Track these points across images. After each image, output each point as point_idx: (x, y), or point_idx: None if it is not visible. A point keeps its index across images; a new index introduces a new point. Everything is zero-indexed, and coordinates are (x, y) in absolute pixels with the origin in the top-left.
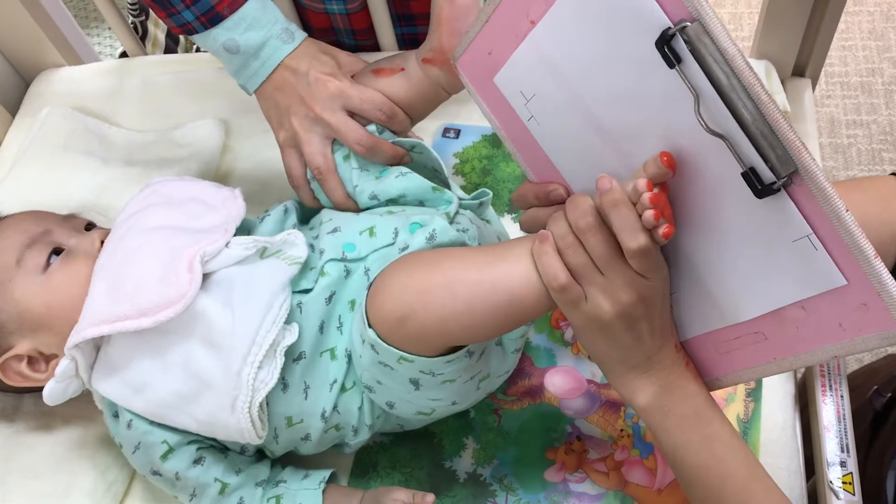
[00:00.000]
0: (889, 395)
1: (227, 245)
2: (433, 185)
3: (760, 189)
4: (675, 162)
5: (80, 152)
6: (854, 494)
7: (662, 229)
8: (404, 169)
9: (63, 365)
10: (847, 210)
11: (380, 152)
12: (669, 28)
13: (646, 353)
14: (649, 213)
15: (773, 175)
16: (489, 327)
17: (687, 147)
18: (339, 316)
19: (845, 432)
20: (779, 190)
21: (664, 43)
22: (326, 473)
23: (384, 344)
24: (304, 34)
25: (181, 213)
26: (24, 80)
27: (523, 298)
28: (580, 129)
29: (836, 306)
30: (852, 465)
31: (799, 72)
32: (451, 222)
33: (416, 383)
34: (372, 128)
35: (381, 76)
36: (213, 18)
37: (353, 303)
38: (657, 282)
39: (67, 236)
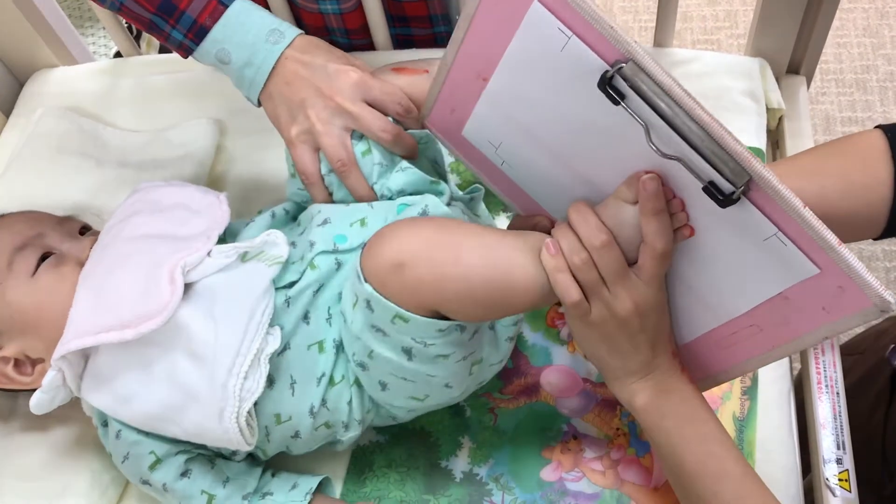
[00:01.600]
0: None
1: (208, 254)
2: (431, 178)
3: (722, 200)
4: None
5: (74, 153)
6: (850, 491)
7: (687, 230)
8: (405, 164)
9: (50, 376)
10: (805, 206)
11: (402, 142)
12: (607, 71)
13: (644, 359)
14: (684, 216)
15: (731, 186)
16: (479, 305)
17: (651, 170)
18: (329, 308)
19: (841, 429)
20: (739, 199)
21: (605, 84)
22: (314, 484)
23: (380, 297)
24: (297, 31)
25: (166, 219)
26: (17, 80)
27: (519, 289)
28: (549, 169)
29: (816, 292)
30: (848, 462)
31: (794, 69)
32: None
33: (408, 353)
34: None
35: (403, 74)
36: (198, 32)
37: (341, 295)
38: (658, 292)
39: (60, 241)
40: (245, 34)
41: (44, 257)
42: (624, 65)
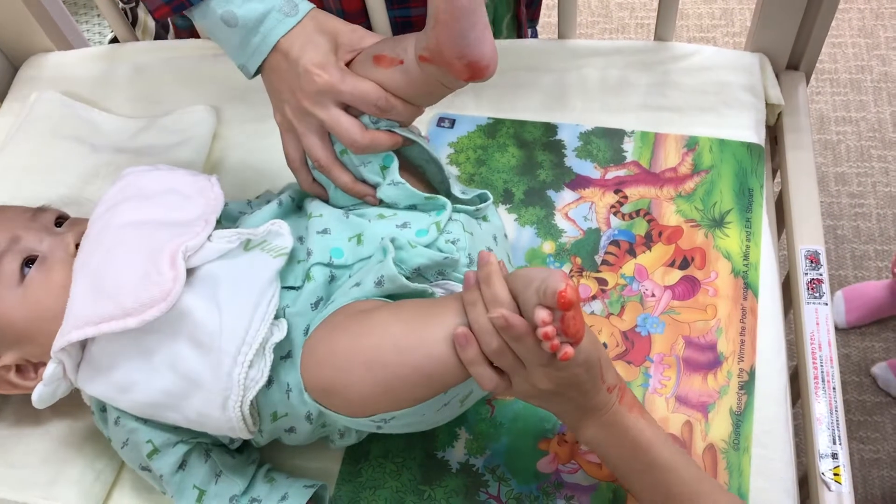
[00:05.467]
0: None
1: (209, 238)
2: (425, 195)
3: None
4: (570, 302)
5: (69, 138)
6: (844, 485)
7: (560, 355)
8: (398, 178)
9: (50, 369)
10: None
11: (377, 146)
12: None
13: (577, 406)
14: (545, 345)
15: None
16: (410, 402)
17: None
18: None
19: (837, 424)
20: None
21: None
22: (303, 501)
23: (322, 408)
24: (310, 6)
25: (158, 205)
26: (12, 64)
27: (441, 378)
28: None
29: None
30: (843, 457)
31: (793, 65)
32: (440, 231)
33: (377, 426)
34: (366, 119)
35: (380, 66)
36: None
37: None
38: (574, 370)
39: (38, 240)
40: (259, 1)
41: (26, 261)
42: None
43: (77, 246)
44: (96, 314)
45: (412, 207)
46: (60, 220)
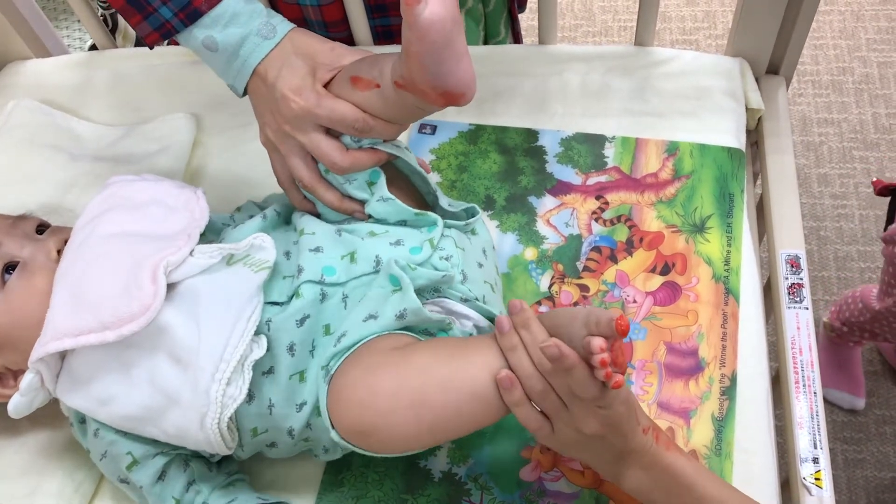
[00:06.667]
0: None
1: (191, 253)
2: (415, 211)
3: None
4: (628, 327)
5: (47, 146)
6: (825, 489)
7: (612, 383)
8: (387, 194)
9: (28, 379)
10: None
11: (359, 166)
12: None
13: (617, 451)
14: (600, 373)
15: None
16: (446, 439)
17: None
18: (313, 340)
19: (818, 429)
20: None
21: None
22: None
23: (348, 444)
24: (289, 26)
25: (142, 217)
26: None
27: (483, 418)
28: None
29: None
30: (824, 461)
31: (773, 70)
32: (434, 248)
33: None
34: (347, 139)
35: (358, 88)
36: (191, 15)
37: (327, 328)
38: (618, 407)
39: (19, 246)
40: (238, 26)
41: (6, 267)
42: None
43: (59, 252)
44: (76, 326)
45: (402, 223)
46: (42, 227)
